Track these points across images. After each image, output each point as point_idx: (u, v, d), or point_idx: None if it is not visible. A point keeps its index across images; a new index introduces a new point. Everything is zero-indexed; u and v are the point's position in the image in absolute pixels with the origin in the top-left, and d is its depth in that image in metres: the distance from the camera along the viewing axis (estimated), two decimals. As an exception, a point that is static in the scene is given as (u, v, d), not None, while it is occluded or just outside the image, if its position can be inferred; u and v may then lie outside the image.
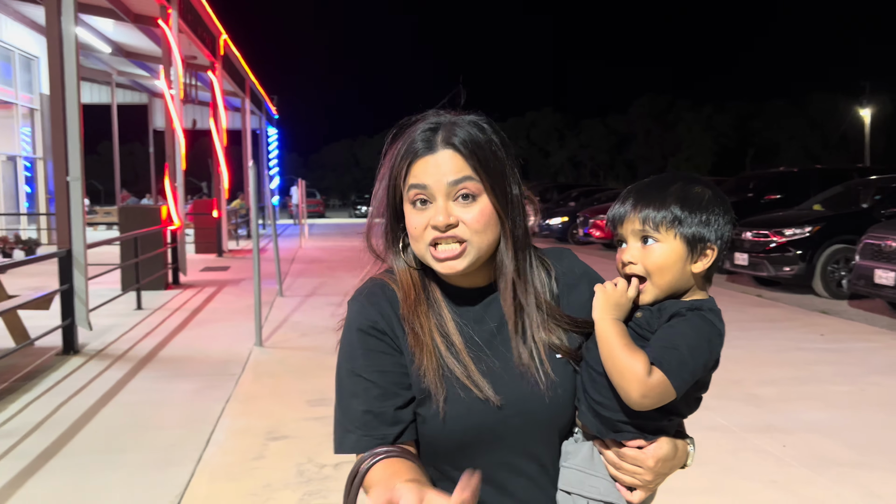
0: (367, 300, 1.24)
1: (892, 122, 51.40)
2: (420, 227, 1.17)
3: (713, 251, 1.18)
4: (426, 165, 1.17)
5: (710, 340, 1.13)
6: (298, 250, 17.34)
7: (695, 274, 1.18)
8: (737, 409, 4.74)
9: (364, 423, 1.18)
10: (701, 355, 1.12)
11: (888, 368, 5.82)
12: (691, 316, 1.14)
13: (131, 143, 62.33)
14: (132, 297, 9.07)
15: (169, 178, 11.94)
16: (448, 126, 1.18)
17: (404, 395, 1.19)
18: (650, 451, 1.16)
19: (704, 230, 1.16)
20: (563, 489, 1.20)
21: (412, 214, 1.19)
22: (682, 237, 1.16)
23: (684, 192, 1.18)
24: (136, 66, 19.94)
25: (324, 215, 44.79)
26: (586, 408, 1.19)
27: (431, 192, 1.16)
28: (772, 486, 3.61)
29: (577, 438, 1.23)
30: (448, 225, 1.14)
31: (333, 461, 3.93)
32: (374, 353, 1.20)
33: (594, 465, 1.19)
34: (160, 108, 25.16)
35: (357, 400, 1.19)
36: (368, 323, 1.21)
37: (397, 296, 1.23)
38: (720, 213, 1.18)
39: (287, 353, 6.55)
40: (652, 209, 1.17)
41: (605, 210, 17.48)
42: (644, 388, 1.08)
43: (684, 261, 1.16)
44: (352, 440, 1.19)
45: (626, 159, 71.98)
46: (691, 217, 1.16)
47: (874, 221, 9.08)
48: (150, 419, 4.73)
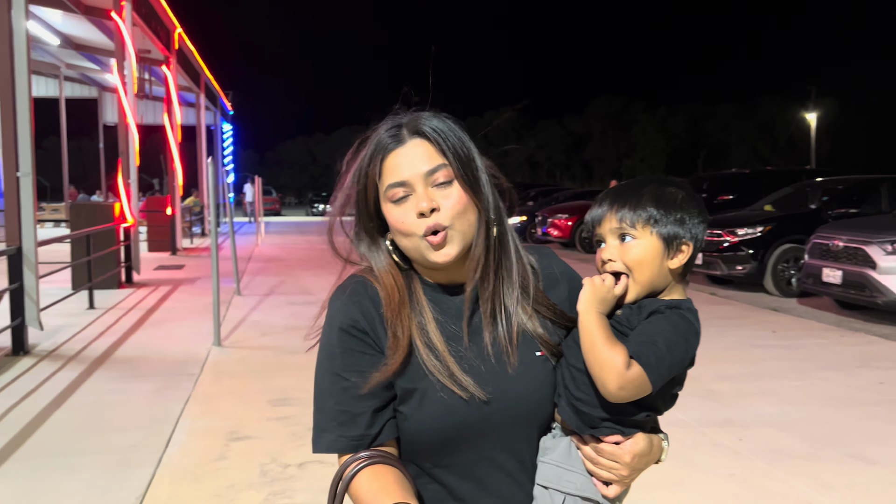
0: (349, 298, 1.23)
1: (836, 125, 53.13)
2: (408, 221, 1.17)
3: (688, 247, 1.22)
4: (398, 159, 1.18)
5: (688, 338, 1.17)
6: (255, 249, 17.11)
7: (672, 271, 1.22)
8: (695, 405, 4.85)
9: (341, 423, 1.17)
10: (678, 352, 1.15)
11: (837, 364, 6.02)
12: (670, 314, 1.17)
13: (79, 139, 60.71)
14: (84, 297, 8.83)
15: (122, 174, 11.66)
16: (412, 119, 1.21)
17: (383, 396, 1.19)
18: (627, 447, 1.18)
19: (679, 228, 1.21)
20: (540, 484, 1.22)
21: (395, 211, 1.19)
22: (657, 234, 1.20)
23: (659, 192, 1.22)
24: (86, 59, 19.39)
25: (280, 213, 44.28)
26: (566, 403, 1.21)
27: (411, 185, 1.17)
28: (730, 478, 3.70)
29: (554, 434, 1.25)
30: (432, 209, 1.15)
31: (298, 461, 3.90)
32: (353, 353, 1.19)
33: (571, 461, 1.21)
34: (111, 103, 24.59)
35: (334, 400, 1.19)
36: (349, 322, 1.20)
37: (379, 294, 1.22)
38: (694, 212, 1.23)
39: (247, 353, 6.46)
40: (628, 209, 1.21)
41: (563, 209, 17.63)
42: (622, 380, 1.11)
43: (661, 257, 1.20)
44: (328, 440, 1.18)
45: (581, 160, 72.94)
46: (666, 215, 1.20)
47: (822, 222, 9.38)
48: (107, 420, 4.62)
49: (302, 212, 48.95)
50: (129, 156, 11.77)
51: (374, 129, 1.23)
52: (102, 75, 21.75)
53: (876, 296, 7.59)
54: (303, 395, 5.03)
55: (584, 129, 71.97)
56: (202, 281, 11.07)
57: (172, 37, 16.26)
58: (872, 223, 8.46)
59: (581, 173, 71.09)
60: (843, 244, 8.05)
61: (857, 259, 7.83)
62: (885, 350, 6.55)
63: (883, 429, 4.45)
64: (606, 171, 65.49)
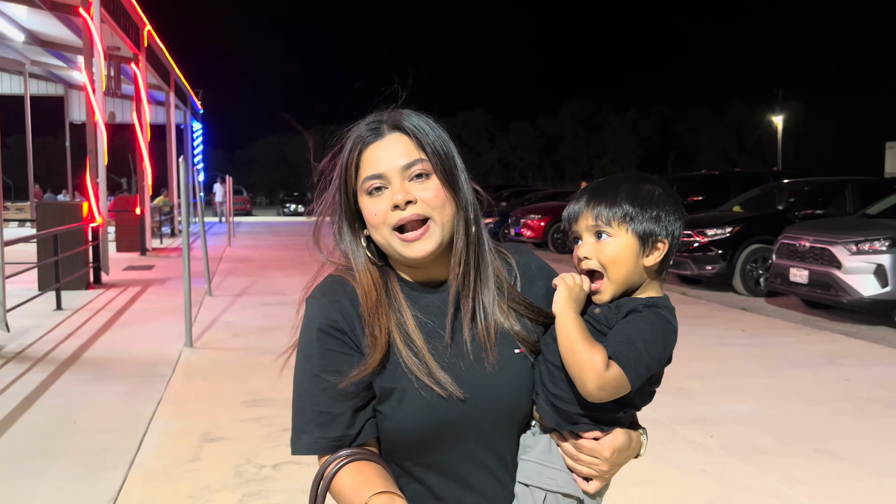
0: (328, 298, 1.22)
1: (802, 128, 54.16)
2: (381, 212, 1.18)
3: (664, 245, 1.22)
4: (377, 152, 1.19)
5: (665, 337, 1.18)
6: (226, 249, 16.94)
7: (647, 268, 1.22)
8: (667, 403, 4.92)
9: (320, 424, 1.17)
10: (656, 351, 1.16)
11: (804, 361, 6.14)
12: (647, 312, 1.18)
13: (45, 137, 59.53)
14: (51, 298, 8.67)
15: (90, 173, 11.47)
16: (392, 115, 1.22)
17: (363, 396, 1.18)
18: (606, 442, 1.19)
19: (654, 225, 1.21)
20: (521, 482, 1.22)
21: (370, 203, 1.19)
22: (633, 232, 1.20)
23: (635, 189, 1.23)
24: (52, 55, 19.04)
25: (251, 213, 43.87)
26: (544, 401, 1.21)
27: (387, 178, 1.18)
28: (702, 474, 3.76)
29: (534, 431, 1.25)
30: (407, 202, 1.16)
31: (273, 461, 3.87)
32: (332, 354, 1.19)
33: (552, 458, 1.22)
34: (78, 101, 24.14)
35: (313, 401, 1.18)
36: (328, 322, 1.19)
37: (357, 292, 1.22)
38: (670, 209, 1.23)
39: (219, 354, 6.40)
40: (604, 206, 1.21)
41: (535, 210, 17.69)
42: (601, 381, 1.12)
43: (637, 254, 1.21)
44: (307, 441, 1.18)
45: (554, 161, 73.38)
46: (641, 213, 1.21)
47: (789, 223, 9.56)
48: (77, 423, 4.55)
49: (273, 212, 48.54)
50: (98, 154, 11.59)
51: (356, 125, 1.24)
52: (69, 72, 21.38)
53: (841, 295, 7.75)
54: (277, 396, 5.00)
55: (557, 131, 72.44)
56: (172, 281, 10.94)
57: (141, 34, 16.04)
58: (838, 224, 8.65)
59: (553, 174, 71.51)
60: (809, 244, 8.21)
61: (822, 259, 7.99)
62: (850, 348, 6.70)
63: (848, 424, 4.55)
64: (578, 172, 65.98)
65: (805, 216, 10.20)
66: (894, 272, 7.46)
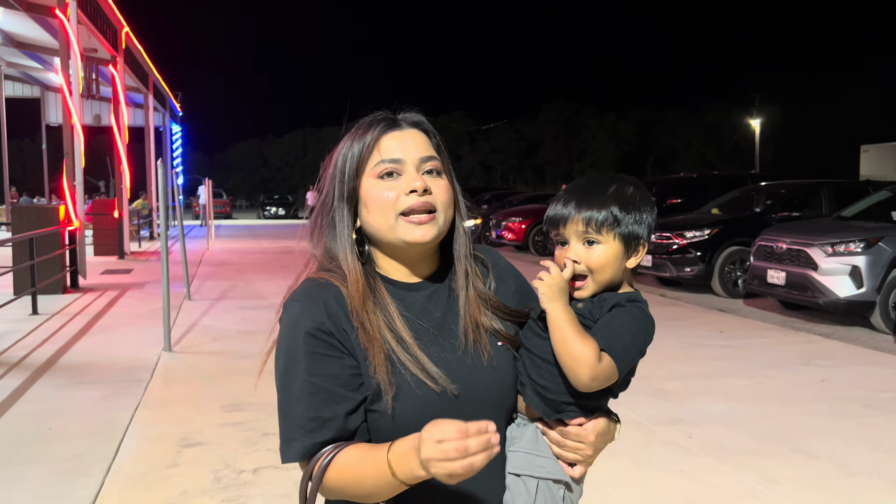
0: (311, 300, 1.20)
1: (779, 132, 54.82)
2: (391, 196, 1.19)
3: (644, 247, 1.27)
4: (395, 140, 1.22)
5: (646, 329, 1.23)
6: (205, 252, 16.81)
7: (627, 269, 1.27)
8: (646, 404, 4.95)
9: (311, 429, 1.15)
10: (640, 342, 1.21)
11: (781, 362, 6.21)
12: (630, 307, 1.23)
13: (20, 139, 58.75)
14: (27, 302, 8.56)
15: (66, 176, 11.33)
16: (409, 113, 1.26)
17: (354, 398, 1.17)
18: (590, 427, 1.24)
19: (638, 229, 1.25)
20: (512, 473, 1.25)
21: (380, 186, 1.20)
22: (619, 237, 1.24)
23: (621, 193, 1.25)
24: (28, 57, 18.80)
25: (231, 216, 43.56)
26: (532, 392, 1.25)
27: (403, 165, 1.20)
28: (680, 475, 3.79)
29: (518, 423, 1.29)
30: (424, 189, 1.19)
31: (252, 466, 3.85)
32: (320, 356, 1.17)
33: (539, 447, 1.25)
34: (54, 103, 23.85)
35: (303, 406, 1.15)
36: (314, 325, 1.17)
37: (342, 292, 1.21)
38: (648, 210, 1.27)
39: (198, 359, 6.35)
40: (594, 212, 1.23)
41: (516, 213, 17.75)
42: (594, 372, 1.16)
43: (622, 258, 1.25)
44: (297, 449, 1.15)
45: (534, 164, 73.66)
46: (627, 217, 1.24)
47: (766, 225, 9.68)
48: (54, 429, 4.48)
49: (253, 215, 48.24)
50: (75, 157, 11.45)
51: (366, 118, 1.26)
52: (46, 74, 21.11)
53: (817, 296, 7.85)
54: (256, 401, 4.96)
55: (537, 134, 72.77)
56: (151, 285, 10.84)
57: (119, 36, 15.89)
58: (814, 226, 8.76)
59: (534, 177, 71.75)
60: (786, 246, 8.32)
61: (799, 261, 8.10)
62: (826, 349, 6.79)
63: (825, 424, 4.61)
64: (558, 175, 66.31)
65: (782, 218, 10.33)
66: (869, 273, 7.57)
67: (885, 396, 5.19)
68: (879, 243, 7.68)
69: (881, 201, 8.97)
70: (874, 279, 7.55)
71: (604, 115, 69.63)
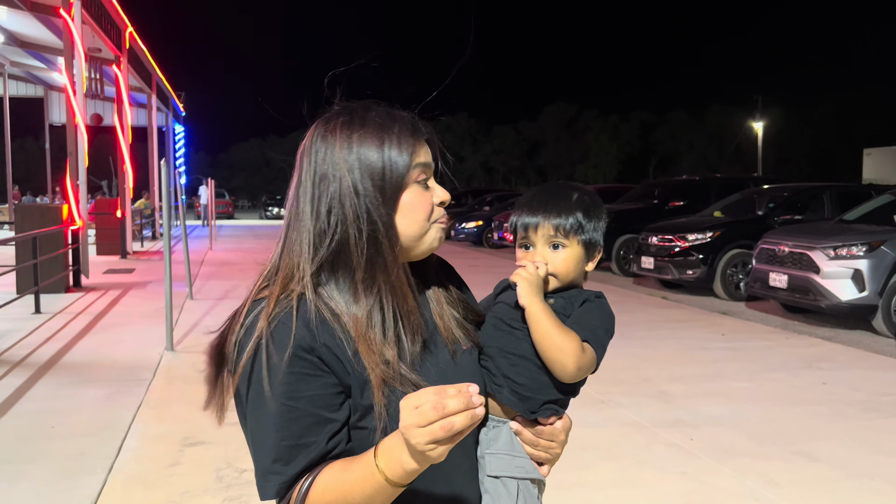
0: (286, 317, 1.08)
1: (781, 134, 54.78)
2: (428, 204, 1.17)
3: (600, 252, 1.37)
4: (424, 148, 1.19)
5: (612, 324, 1.30)
6: (207, 252, 16.83)
7: (585, 271, 1.36)
8: (647, 406, 4.96)
9: (291, 459, 1.04)
10: (610, 334, 1.28)
11: (783, 365, 6.21)
12: (599, 302, 1.30)
13: (23, 138, 58.85)
14: (30, 301, 8.57)
15: (70, 175, 11.36)
16: (427, 125, 1.23)
17: (338, 418, 1.08)
18: (560, 426, 1.28)
19: (597, 235, 1.35)
20: (491, 475, 1.25)
21: (422, 194, 1.16)
22: (582, 242, 1.32)
23: (583, 201, 1.34)
24: (32, 57, 18.85)
25: (233, 216, 43.59)
26: (509, 392, 1.26)
27: (429, 171, 1.20)
28: (681, 476, 3.80)
29: (491, 425, 1.29)
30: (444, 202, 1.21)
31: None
32: (303, 377, 1.06)
33: (515, 447, 1.27)
34: (57, 102, 23.91)
35: (280, 434, 1.04)
36: (297, 343, 1.06)
37: (313, 307, 1.10)
38: (603, 216, 1.36)
39: (200, 358, 6.30)
40: (562, 218, 1.31)
41: (519, 214, 17.85)
42: (580, 361, 1.21)
43: (583, 261, 1.33)
44: (278, 482, 1.04)
45: (536, 165, 73.64)
46: (589, 224, 1.33)
47: (769, 228, 9.68)
48: (56, 427, 4.50)
49: (255, 215, 48.27)
50: (78, 156, 11.48)
51: (376, 107, 1.19)
52: (49, 74, 21.18)
53: (819, 299, 7.85)
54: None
55: (539, 136, 72.73)
56: (153, 285, 10.86)
57: (123, 36, 15.92)
58: (816, 229, 8.76)
59: (536, 178, 71.75)
60: (788, 249, 8.31)
61: (801, 264, 8.09)
62: (827, 352, 6.79)
63: (826, 427, 4.61)
64: (560, 177, 66.22)
65: (784, 221, 10.33)
66: (871, 277, 7.57)
67: (886, 400, 5.19)
68: (882, 247, 7.67)
69: (884, 205, 8.97)
70: (876, 283, 7.55)
71: (606, 116, 69.65)
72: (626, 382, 5.50)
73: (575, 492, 3.57)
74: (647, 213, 12.57)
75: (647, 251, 10.87)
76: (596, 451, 4.11)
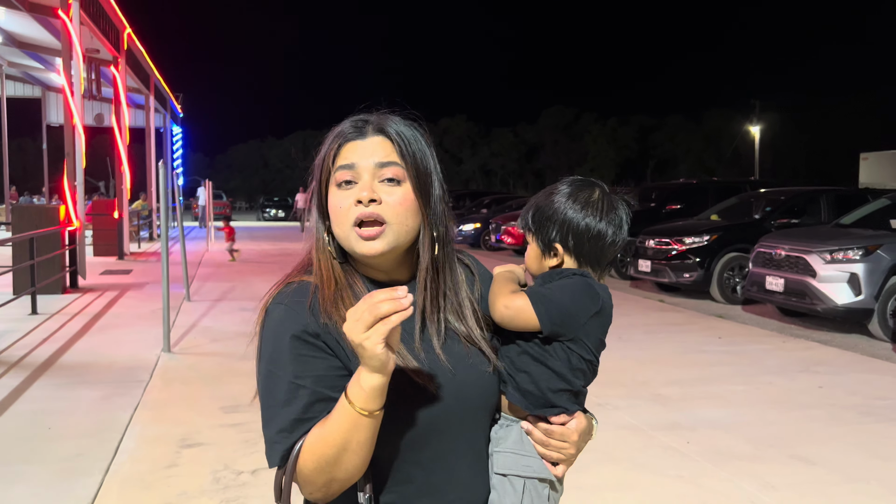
0: (295, 302, 1.20)
1: (779, 139, 54.86)
2: (345, 206, 1.18)
3: (557, 251, 1.40)
4: (355, 148, 1.20)
5: (584, 291, 1.28)
6: (205, 253, 16.82)
7: (553, 268, 1.39)
8: (645, 409, 4.96)
9: (293, 431, 1.15)
10: (568, 299, 1.26)
11: (779, 368, 6.23)
12: (569, 279, 1.31)
13: (21, 139, 58.76)
14: (26, 302, 8.56)
15: (67, 176, 11.35)
16: (380, 117, 1.23)
17: (338, 397, 1.15)
18: (573, 426, 1.28)
19: (550, 232, 1.41)
20: (499, 473, 1.27)
21: (336, 195, 1.19)
22: (535, 239, 1.40)
23: (537, 200, 1.41)
24: (29, 57, 18.83)
25: (230, 218, 43.52)
26: (513, 388, 1.28)
27: (358, 172, 1.18)
28: (678, 479, 3.80)
29: (503, 424, 1.31)
30: (371, 200, 1.16)
31: (251, 468, 3.86)
32: (306, 359, 1.16)
33: (524, 446, 1.28)
34: (55, 103, 23.87)
35: (287, 409, 1.15)
36: (300, 327, 1.17)
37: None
38: (563, 215, 1.40)
39: (197, 359, 6.36)
40: (521, 215, 1.44)
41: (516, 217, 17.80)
42: (506, 300, 1.27)
43: (540, 259, 1.39)
44: (281, 451, 1.16)
45: (534, 168, 73.68)
46: (537, 221, 1.40)
47: (765, 231, 9.70)
48: (53, 428, 4.49)
49: (253, 217, 48.21)
50: (76, 157, 11.47)
51: (341, 122, 1.25)
52: (47, 74, 21.15)
53: (816, 303, 7.87)
54: (255, 402, 4.97)
55: (537, 139, 72.78)
56: (150, 286, 10.85)
57: (121, 37, 15.92)
58: (813, 233, 8.78)
59: (534, 181, 71.75)
60: (785, 253, 8.33)
61: (798, 268, 8.11)
62: (824, 355, 6.80)
63: (822, 431, 4.62)
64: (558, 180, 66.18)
65: (781, 225, 10.35)
66: (868, 281, 7.59)
67: (882, 404, 5.21)
68: (878, 251, 7.70)
69: (880, 209, 8.99)
70: (872, 287, 7.57)
71: (605, 120, 69.74)
72: (623, 385, 5.50)
73: (571, 495, 3.56)
74: (645, 216, 12.59)
75: (645, 254, 10.89)
76: (592, 454, 4.09)
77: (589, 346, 1.28)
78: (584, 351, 1.27)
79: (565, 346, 1.26)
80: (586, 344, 1.27)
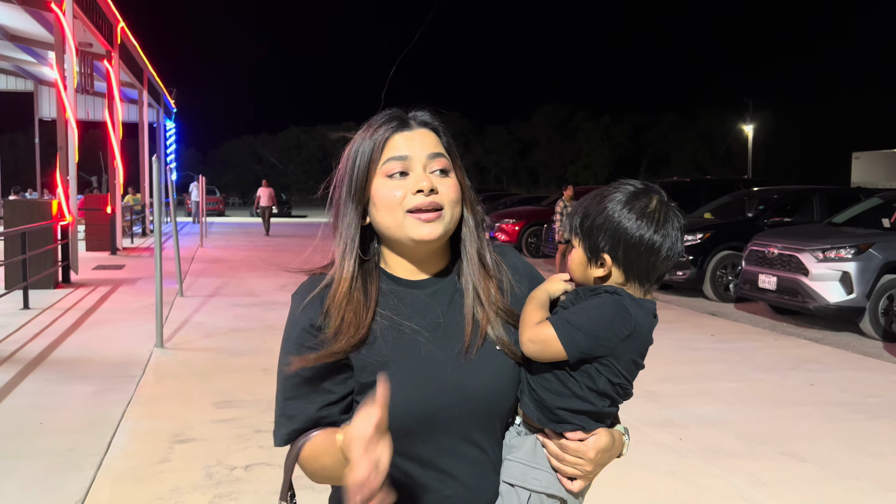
0: (309, 294, 1.25)
1: (772, 137, 55.08)
2: (400, 195, 1.20)
3: (604, 260, 1.32)
4: (404, 140, 1.23)
5: (614, 314, 1.20)
6: (198, 249, 16.77)
7: (598, 279, 1.29)
8: (637, 406, 4.97)
9: (291, 417, 1.24)
10: (598, 323, 1.18)
11: (771, 366, 6.26)
12: (605, 296, 1.22)
13: (12, 133, 58.46)
14: (18, 296, 8.53)
15: (60, 170, 11.30)
16: (418, 112, 1.28)
17: (337, 392, 1.22)
18: (591, 443, 1.21)
19: (599, 240, 1.31)
20: (506, 481, 1.24)
21: (389, 185, 1.21)
22: (581, 245, 1.31)
23: (588, 203, 1.31)
24: (22, 51, 18.73)
25: (224, 214, 43.39)
26: (528, 398, 1.24)
27: (411, 163, 1.21)
28: (670, 476, 3.82)
29: (519, 431, 1.27)
30: (432, 189, 1.20)
31: (243, 463, 3.85)
32: (307, 350, 1.21)
33: (537, 458, 1.23)
34: (48, 97, 23.77)
35: (289, 395, 1.24)
36: (308, 320, 1.23)
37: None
38: (625, 223, 1.33)
39: (190, 355, 6.34)
40: (570, 217, 1.34)
41: (510, 214, 17.77)
42: (530, 333, 1.21)
43: (585, 266, 1.29)
44: (282, 434, 1.25)
45: (528, 165, 73.73)
46: (589, 226, 1.32)
47: (758, 230, 9.73)
48: (44, 424, 4.48)
49: (246, 212, 48.06)
50: (68, 152, 11.42)
51: (376, 116, 1.27)
52: (40, 68, 21.02)
53: (808, 301, 7.91)
54: (248, 398, 4.97)
55: (531, 136, 72.83)
56: (143, 281, 10.81)
57: (115, 31, 15.84)
58: (805, 232, 8.82)
59: (528, 179, 71.83)
60: (777, 251, 8.37)
61: (790, 266, 8.15)
62: (815, 353, 6.84)
63: (813, 428, 4.65)
64: (552, 177, 66.41)
65: (774, 224, 10.39)
66: (859, 279, 7.63)
67: (872, 401, 5.24)
68: (870, 250, 7.73)
69: (872, 208, 9.04)
70: (864, 285, 7.60)
71: (598, 117, 69.83)
72: (615, 382, 5.51)
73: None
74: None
75: (638, 252, 10.91)
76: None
77: (618, 370, 1.21)
78: (612, 374, 1.20)
79: (594, 367, 1.20)
80: (616, 367, 1.20)
